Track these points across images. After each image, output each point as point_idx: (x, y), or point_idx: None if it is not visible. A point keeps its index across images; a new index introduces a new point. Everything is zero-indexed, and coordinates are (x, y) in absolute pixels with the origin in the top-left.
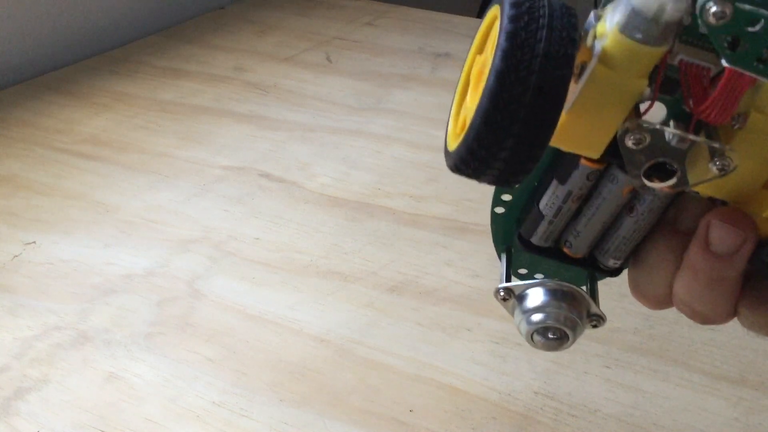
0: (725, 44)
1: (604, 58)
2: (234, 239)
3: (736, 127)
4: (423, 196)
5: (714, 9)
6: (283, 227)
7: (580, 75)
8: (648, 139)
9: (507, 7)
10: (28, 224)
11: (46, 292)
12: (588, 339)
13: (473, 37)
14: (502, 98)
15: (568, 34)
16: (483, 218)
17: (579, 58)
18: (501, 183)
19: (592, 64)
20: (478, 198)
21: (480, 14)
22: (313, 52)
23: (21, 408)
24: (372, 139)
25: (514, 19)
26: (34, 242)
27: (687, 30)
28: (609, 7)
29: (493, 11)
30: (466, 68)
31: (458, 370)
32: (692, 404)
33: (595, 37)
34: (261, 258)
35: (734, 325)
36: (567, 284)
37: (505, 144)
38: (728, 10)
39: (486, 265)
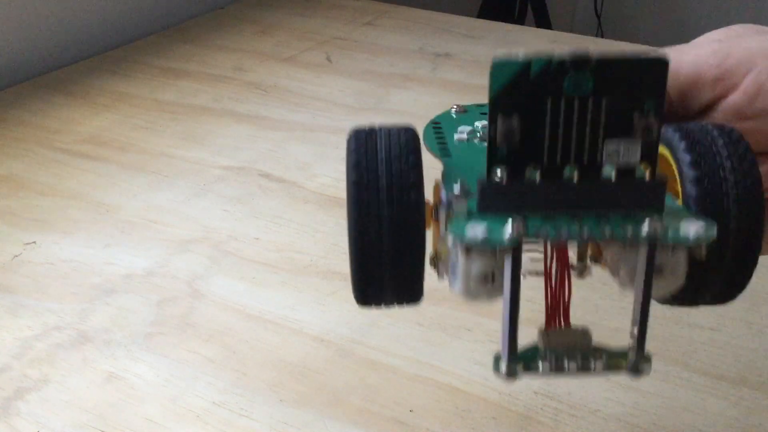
0: None
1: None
2: (234, 239)
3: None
4: None
5: None
6: (283, 227)
7: (436, 213)
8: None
9: (348, 172)
10: (28, 224)
11: (46, 292)
12: None
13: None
14: (364, 271)
15: (409, 198)
16: None
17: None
18: (403, 305)
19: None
20: None
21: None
22: (313, 52)
23: (21, 408)
24: None
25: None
26: (34, 242)
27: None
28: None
29: None
30: None
31: (458, 370)
32: (692, 404)
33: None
34: (261, 258)
35: (734, 325)
36: None
37: (384, 296)
38: None
39: None
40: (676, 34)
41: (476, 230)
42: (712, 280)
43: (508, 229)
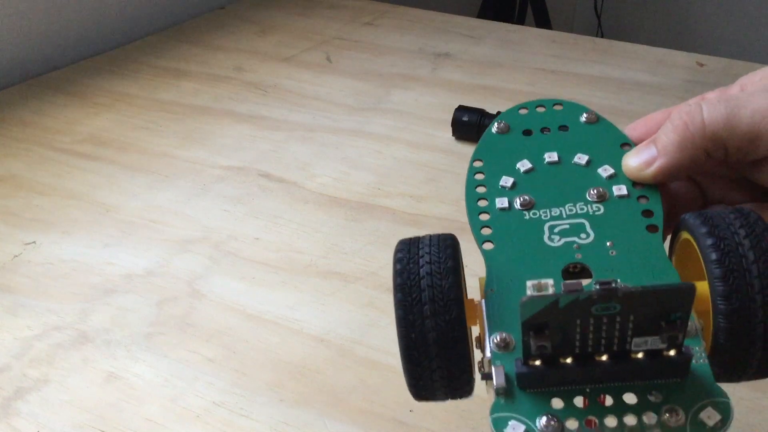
0: None
1: None
2: (234, 239)
3: None
4: (423, 196)
5: None
6: (283, 227)
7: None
8: None
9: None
10: (28, 224)
11: (46, 292)
12: None
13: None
14: (415, 376)
15: (453, 327)
16: None
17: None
18: (459, 397)
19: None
20: None
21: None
22: (313, 52)
23: (21, 408)
24: (372, 139)
25: (401, 324)
26: (34, 242)
27: None
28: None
29: None
30: None
31: None
32: None
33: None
34: (261, 258)
35: None
36: None
37: (437, 394)
38: None
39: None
40: (676, 34)
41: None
42: (746, 366)
43: (543, 429)
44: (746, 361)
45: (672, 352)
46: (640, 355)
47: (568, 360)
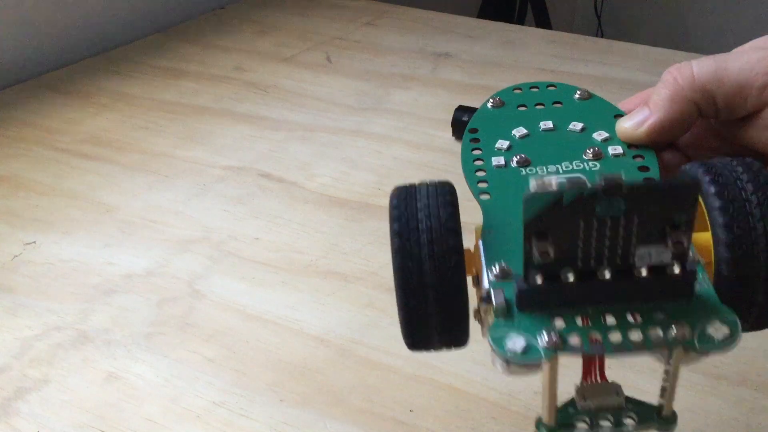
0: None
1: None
2: (234, 239)
3: None
4: None
5: None
6: (283, 227)
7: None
8: None
9: (391, 229)
10: (28, 224)
11: (46, 292)
12: None
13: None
14: (413, 321)
15: (450, 261)
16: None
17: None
18: (454, 347)
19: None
20: None
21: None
22: (313, 52)
23: (21, 408)
24: (372, 139)
25: (399, 252)
26: (34, 242)
27: None
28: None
29: None
30: None
31: (458, 370)
32: (692, 404)
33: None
34: (261, 258)
35: None
36: None
37: (431, 343)
38: None
39: None
40: (676, 34)
41: (515, 345)
42: (747, 315)
43: (545, 344)
44: (749, 295)
45: (676, 270)
46: (643, 273)
47: (570, 278)
